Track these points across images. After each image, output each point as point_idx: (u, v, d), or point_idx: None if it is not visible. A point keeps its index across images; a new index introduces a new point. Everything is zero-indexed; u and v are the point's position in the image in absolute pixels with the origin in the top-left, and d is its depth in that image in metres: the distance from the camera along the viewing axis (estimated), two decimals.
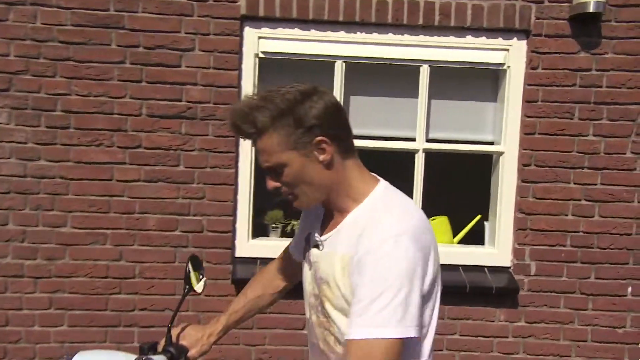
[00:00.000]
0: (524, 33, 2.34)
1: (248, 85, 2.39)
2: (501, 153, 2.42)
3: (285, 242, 1.49)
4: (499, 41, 2.36)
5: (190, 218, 2.37)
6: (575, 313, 2.43)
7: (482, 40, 2.36)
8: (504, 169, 2.42)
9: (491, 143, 2.52)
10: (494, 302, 2.41)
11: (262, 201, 2.49)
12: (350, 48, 2.38)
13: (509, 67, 2.37)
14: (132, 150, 2.32)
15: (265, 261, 1.63)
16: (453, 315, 2.41)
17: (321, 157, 1.14)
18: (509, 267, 2.45)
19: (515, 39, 2.36)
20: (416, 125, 2.43)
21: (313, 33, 2.36)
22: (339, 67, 2.38)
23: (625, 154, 2.37)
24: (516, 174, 2.41)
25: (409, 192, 2.49)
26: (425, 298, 1.06)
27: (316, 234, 1.29)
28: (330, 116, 1.14)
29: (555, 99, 2.34)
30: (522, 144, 2.38)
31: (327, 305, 1.23)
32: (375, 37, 2.37)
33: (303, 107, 1.11)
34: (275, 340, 2.43)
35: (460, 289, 2.36)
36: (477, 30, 2.34)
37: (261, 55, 2.37)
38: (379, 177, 1.22)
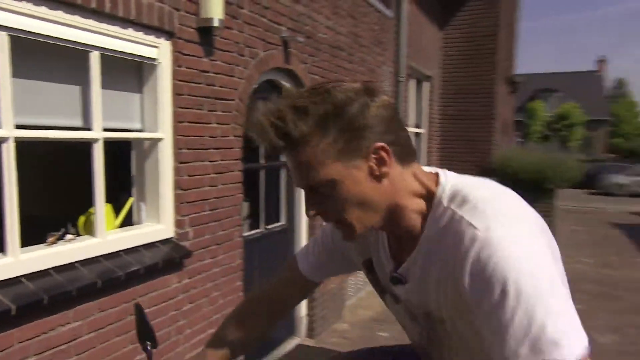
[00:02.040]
0: (170, 34, 2.72)
1: None
2: (160, 139, 2.73)
3: None
4: (153, 38, 2.63)
5: None
6: None
7: (140, 35, 2.55)
8: (163, 153, 2.75)
9: (140, 130, 2.76)
10: (169, 270, 2.76)
11: None
12: (16, 19, 2.02)
13: (160, 62, 2.69)
14: None
15: None
16: (141, 293, 2.58)
17: (379, 170, 0.92)
18: (174, 237, 2.84)
19: (164, 38, 2.69)
20: (88, 114, 2.36)
21: None
22: (3, 40, 1.98)
23: (228, 136, 3.23)
24: (172, 157, 2.80)
25: (87, 184, 2.42)
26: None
27: (391, 268, 1.07)
28: (387, 118, 0.92)
29: (194, 94, 2.88)
30: (176, 131, 2.79)
31: (445, 339, 1.03)
32: (44, 11, 2.11)
33: (352, 108, 0.88)
34: None
35: (148, 267, 2.57)
36: (138, 24, 2.52)
37: None
38: (436, 170, 1.01)
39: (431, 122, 8.02)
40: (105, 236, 2.45)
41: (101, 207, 2.44)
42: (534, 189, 8.10)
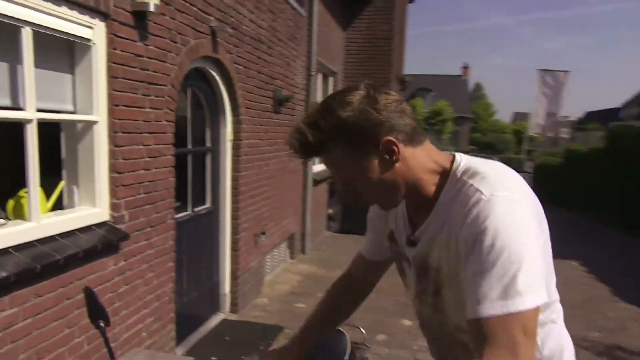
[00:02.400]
0: (105, 16, 2.51)
1: None
2: (95, 122, 2.52)
3: None
4: (88, 18, 2.41)
5: None
6: None
7: (75, 14, 2.32)
8: (98, 136, 2.55)
9: (72, 112, 2.53)
10: (106, 253, 2.58)
11: None
12: None
13: (95, 43, 2.48)
14: None
15: None
16: (79, 277, 2.39)
17: (391, 159, 1.01)
18: (110, 221, 2.65)
19: (98, 19, 2.48)
20: (20, 93, 2.11)
21: None
22: None
23: (161, 121, 3.07)
24: (107, 140, 2.60)
25: (14, 166, 2.20)
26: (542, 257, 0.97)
27: (408, 233, 1.17)
28: (390, 113, 1.00)
29: (129, 77, 2.70)
30: (111, 114, 2.59)
31: (445, 292, 1.11)
32: None
33: (355, 119, 0.98)
34: None
35: (85, 251, 2.38)
36: (72, 2, 2.29)
37: None
38: (452, 153, 1.10)
39: None
40: (39, 220, 2.23)
41: (36, 191, 2.21)
42: None
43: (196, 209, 3.88)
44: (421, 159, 1.05)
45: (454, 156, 1.08)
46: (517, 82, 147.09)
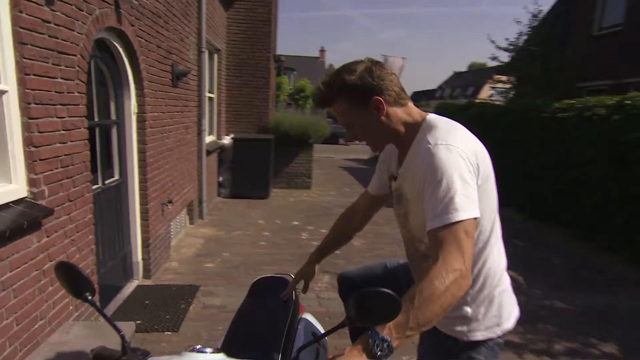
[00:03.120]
0: None
1: None
2: (4, 92, 2.06)
3: None
4: None
5: None
6: None
7: None
8: (9, 107, 2.09)
9: None
10: (28, 230, 2.18)
11: None
12: None
13: None
14: None
15: None
16: (3, 257, 1.99)
17: (378, 113, 1.25)
18: (28, 197, 2.23)
19: None
20: None
21: None
22: None
23: (73, 93, 2.63)
24: (19, 112, 2.15)
25: None
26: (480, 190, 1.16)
27: (394, 171, 1.41)
28: (381, 80, 1.23)
29: (39, 45, 2.23)
30: (22, 83, 2.14)
31: (409, 211, 1.32)
32: None
33: (355, 83, 1.23)
34: None
35: (7, 230, 1.99)
36: None
37: None
38: (428, 112, 1.32)
39: (219, 89, 7.89)
40: None
41: None
42: (300, 142, 8.89)
43: (106, 182, 3.46)
44: (402, 116, 1.27)
45: (426, 114, 1.30)
46: None
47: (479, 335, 1.31)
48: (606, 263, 5.19)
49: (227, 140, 8.00)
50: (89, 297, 1.19)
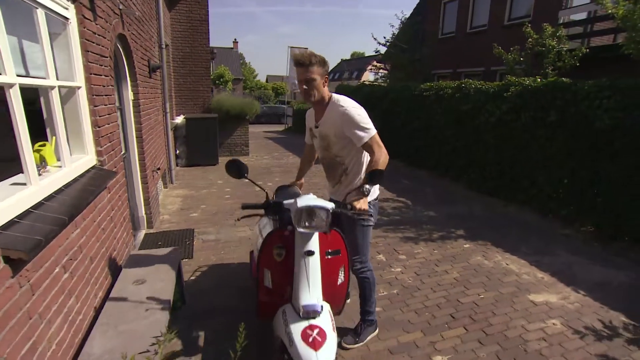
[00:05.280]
0: None
1: None
2: (79, 87, 2.29)
3: None
4: (64, 1, 2.11)
5: None
6: None
7: None
8: (82, 99, 2.33)
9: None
10: (103, 188, 2.48)
11: None
12: None
13: (71, 22, 2.19)
14: None
15: None
16: (93, 208, 2.32)
17: (324, 83, 1.90)
18: (97, 165, 2.51)
19: (70, 1, 2.17)
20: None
21: None
22: None
23: (108, 86, 2.83)
24: (87, 102, 2.39)
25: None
26: None
27: (315, 123, 2.01)
28: (327, 68, 1.93)
29: (93, 51, 2.44)
30: (88, 81, 2.37)
31: (331, 142, 1.99)
32: None
33: (325, 62, 1.88)
34: None
35: (97, 186, 2.31)
36: None
37: None
38: (332, 93, 1.98)
39: (169, 78, 7.73)
40: (69, 164, 2.09)
41: (62, 140, 2.04)
42: (238, 120, 9.11)
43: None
44: (326, 90, 1.93)
45: (332, 93, 1.97)
46: (266, 54, 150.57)
47: (370, 198, 2.10)
48: (455, 189, 6.66)
49: (179, 120, 7.96)
50: (246, 175, 1.72)
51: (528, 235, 4.43)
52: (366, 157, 2.03)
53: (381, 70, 14.66)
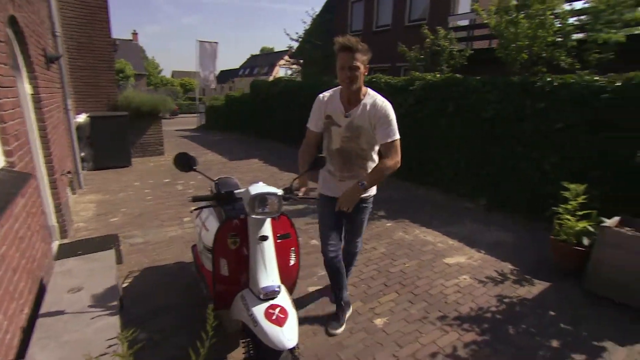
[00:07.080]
0: None
1: None
2: None
3: None
4: None
5: None
6: None
7: None
8: None
9: None
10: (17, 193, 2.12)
11: None
12: None
13: None
14: None
15: None
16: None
17: (365, 72, 1.87)
18: (6, 166, 2.13)
19: None
20: None
21: None
22: None
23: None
24: None
25: None
26: None
27: (345, 112, 1.94)
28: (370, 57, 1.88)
29: None
30: None
31: (362, 134, 1.93)
32: None
33: (369, 51, 1.85)
34: None
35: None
36: None
37: None
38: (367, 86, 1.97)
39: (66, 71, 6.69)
40: None
41: None
42: (150, 117, 8.36)
43: None
44: (363, 82, 1.93)
45: (367, 87, 1.98)
46: (170, 48, 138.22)
47: (371, 192, 2.22)
48: (415, 186, 7.18)
49: (81, 118, 6.98)
50: (195, 168, 1.64)
51: (438, 211, 5.08)
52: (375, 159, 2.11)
53: (294, 66, 14.81)
